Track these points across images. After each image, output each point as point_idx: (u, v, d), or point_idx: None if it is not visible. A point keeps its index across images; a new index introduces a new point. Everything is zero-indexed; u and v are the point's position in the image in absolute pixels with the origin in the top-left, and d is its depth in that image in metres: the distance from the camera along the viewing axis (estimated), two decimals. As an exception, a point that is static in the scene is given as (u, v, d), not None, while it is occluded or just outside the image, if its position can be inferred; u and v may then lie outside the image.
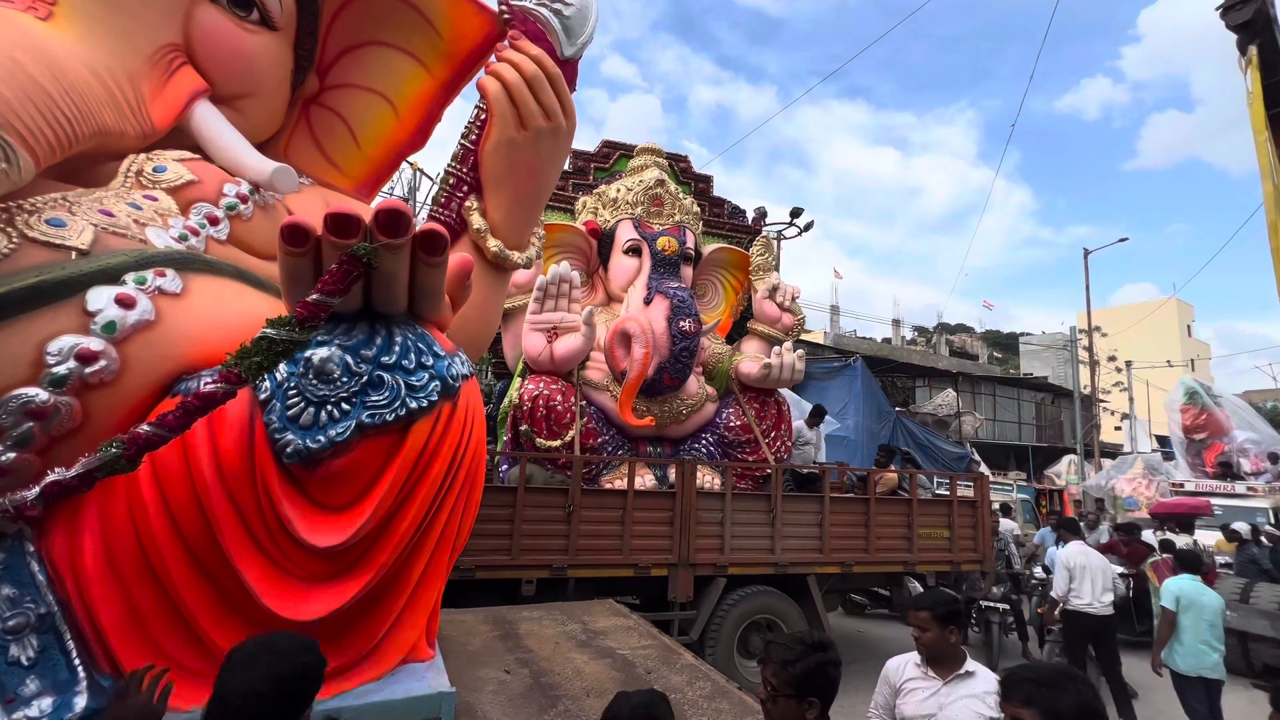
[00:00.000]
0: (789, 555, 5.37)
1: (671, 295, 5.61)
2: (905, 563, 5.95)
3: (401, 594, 1.77)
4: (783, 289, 6.45)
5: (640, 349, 5.35)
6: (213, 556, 1.54)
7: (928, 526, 6.10)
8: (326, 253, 1.50)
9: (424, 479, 1.69)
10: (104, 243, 1.68)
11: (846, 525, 5.73)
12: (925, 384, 23.52)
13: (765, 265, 6.67)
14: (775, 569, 5.30)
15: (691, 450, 6.05)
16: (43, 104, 1.60)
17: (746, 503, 5.38)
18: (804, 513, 5.57)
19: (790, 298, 6.46)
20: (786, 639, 1.67)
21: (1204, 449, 12.46)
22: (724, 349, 6.47)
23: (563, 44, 2.86)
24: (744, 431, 5.99)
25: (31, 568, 1.47)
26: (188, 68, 2.30)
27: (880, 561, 5.81)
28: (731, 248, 6.83)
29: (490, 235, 2.82)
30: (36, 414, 1.45)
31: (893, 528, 5.96)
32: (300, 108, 2.89)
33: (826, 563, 5.54)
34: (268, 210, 2.32)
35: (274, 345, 1.40)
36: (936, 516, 6.22)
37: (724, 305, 6.88)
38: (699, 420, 6.08)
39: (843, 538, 5.67)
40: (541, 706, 2.43)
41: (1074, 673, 1.52)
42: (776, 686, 1.59)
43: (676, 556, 4.94)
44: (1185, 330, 42.77)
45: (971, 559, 6.29)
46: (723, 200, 7.40)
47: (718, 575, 5.11)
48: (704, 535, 5.10)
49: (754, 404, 6.11)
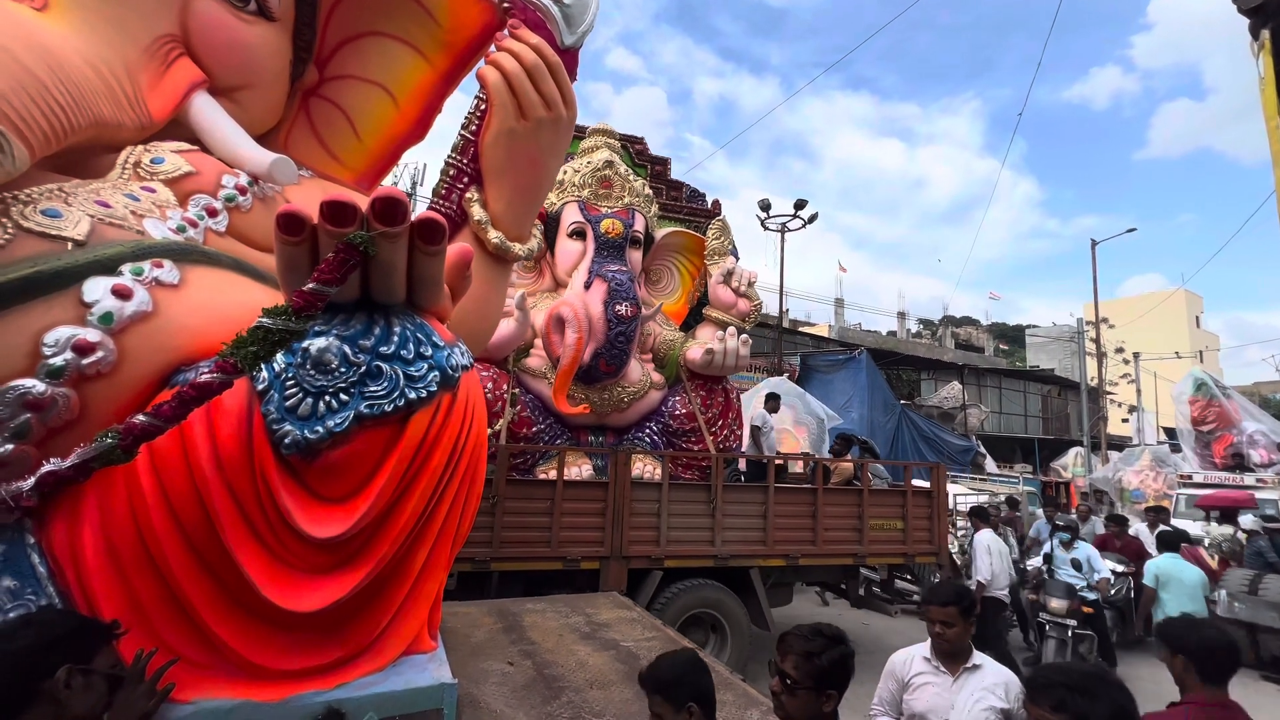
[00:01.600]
0: (730, 547, 5.23)
1: (609, 279, 5.50)
2: (855, 555, 5.79)
3: (403, 585, 1.77)
4: (738, 273, 6.28)
5: (573, 334, 5.20)
6: (212, 548, 1.53)
7: (880, 518, 5.94)
8: (323, 241, 1.48)
9: (424, 470, 1.67)
10: (100, 234, 1.67)
11: (792, 516, 5.55)
12: (931, 377, 23.44)
13: (721, 249, 6.51)
14: (715, 561, 5.15)
15: (635, 440, 5.90)
16: (37, 94, 1.59)
17: (685, 493, 5.23)
18: (747, 503, 5.41)
19: (746, 282, 6.29)
20: (804, 630, 1.65)
21: (1212, 440, 12.35)
22: (676, 335, 6.29)
23: (563, 33, 2.83)
24: (689, 420, 5.85)
25: (32, 559, 1.47)
26: (185, 59, 2.28)
27: (828, 554, 5.65)
28: (686, 231, 6.67)
29: (491, 226, 2.80)
30: (34, 405, 1.44)
31: (842, 519, 5.79)
32: (299, 99, 2.87)
33: (770, 555, 5.38)
34: (267, 202, 2.31)
35: (270, 335, 1.39)
36: (889, 507, 6.05)
37: (680, 290, 6.74)
38: (642, 409, 5.92)
39: (788, 529, 5.50)
40: (545, 698, 2.43)
41: (1109, 676, 1.45)
42: (796, 679, 1.57)
43: (608, 549, 4.81)
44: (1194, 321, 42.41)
45: (926, 551, 6.13)
46: (681, 183, 7.28)
47: (653, 568, 4.97)
48: (639, 527, 4.95)
49: (700, 391, 5.95)
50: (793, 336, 21.53)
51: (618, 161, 6.22)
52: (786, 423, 11.05)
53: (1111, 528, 7.88)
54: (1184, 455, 13.20)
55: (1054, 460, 20.87)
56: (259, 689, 1.57)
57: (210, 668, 1.56)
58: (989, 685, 2.18)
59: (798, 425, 11.03)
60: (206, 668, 1.56)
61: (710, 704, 1.57)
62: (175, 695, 1.48)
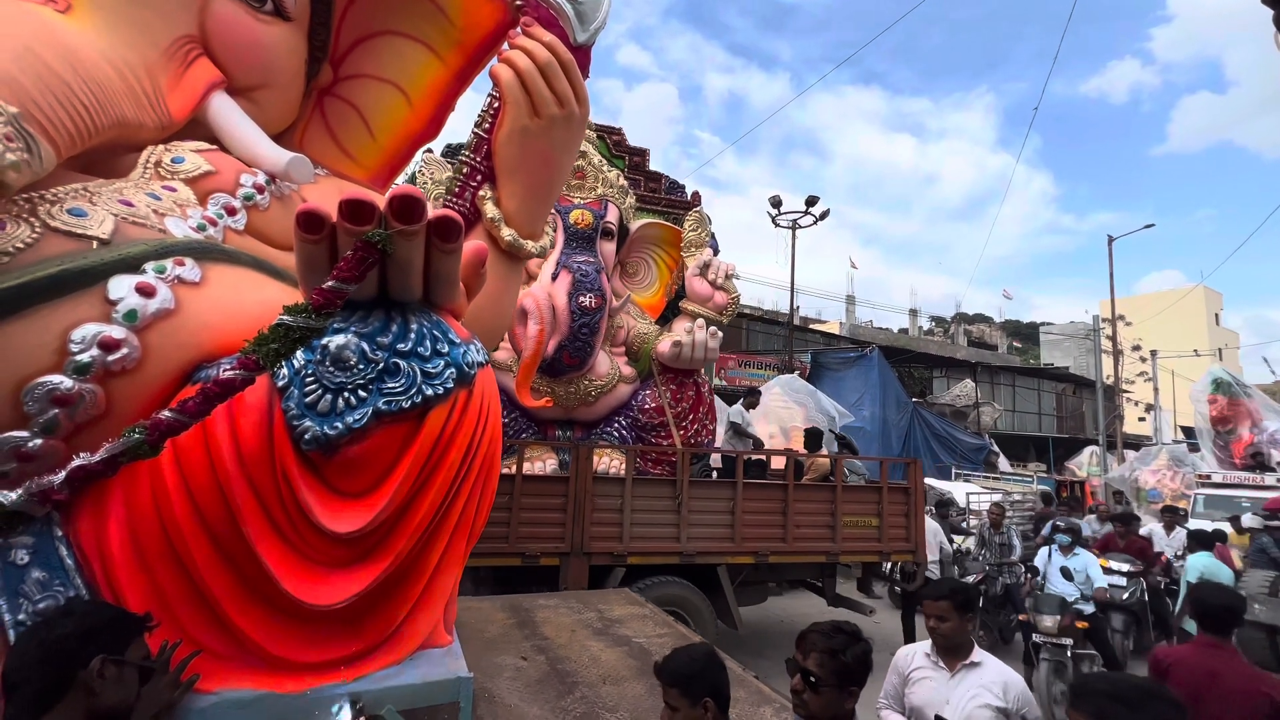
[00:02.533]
0: (696, 544, 5.11)
1: (575, 270, 5.45)
2: (828, 553, 5.65)
3: (419, 580, 1.79)
4: (715, 265, 6.17)
5: (534, 326, 5.10)
6: (234, 541, 1.56)
7: (854, 514, 5.79)
8: (342, 240, 1.50)
9: (440, 466, 1.69)
10: (124, 232, 1.70)
11: (762, 513, 5.42)
12: (943, 374, 23.25)
13: (698, 241, 6.41)
14: (681, 559, 5.05)
15: (603, 434, 5.82)
16: (62, 95, 1.62)
17: (650, 488, 5.13)
18: (714, 499, 5.30)
19: (723, 275, 6.17)
20: (825, 628, 1.65)
21: (1232, 440, 12.15)
22: (651, 329, 6.18)
23: (576, 30, 2.83)
24: (658, 414, 5.76)
25: (60, 552, 1.50)
26: (204, 59, 2.31)
27: (799, 551, 5.51)
28: (662, 223, 6.58)
29: (504, 224, 2.82)
30: (61, 401, 1.47)
31: (814, 516, 5.64)
32: (314, 98, 2.90)
33: (739, 552, 5.26)
34: (284, 201, 2.34)
35: (291, 332, 1.41)
36: (864, 504, 5.89)
37: (657, 283, 6.65)
38: (611, 402, 5.82)
39: (758, 526, 5.37)
40: (559, 693, 2.45)
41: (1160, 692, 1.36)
42: (821, 676, 1.57)
43: (569, 545, 4.73)
44: (1213, 319, 41.68)
45: (902, 549, 6.00)
46: (660, 175, 7.20)
47: (616, 565, 4.89)
48: (601, 523, 4.86)
49: (670, 385, 5.85)
50: (804, 334, 21.43)
51: (591, 151, 6.10)
52: (798, 420, 11.00)
53: (1117, 526, 7.47)
54: (1202, 454, 13.00)
55: (1069, 459, 20.63)
56: (280, 680, 1.60)
57: (232, 659, 1.59)
58: (987, 683, 2.16)
59: (809, 423, 10.97)
60: (229, 659, 1.58)
61: (725, 700, 1.57)
62: (199, 686, 1.51)
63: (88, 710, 1.23)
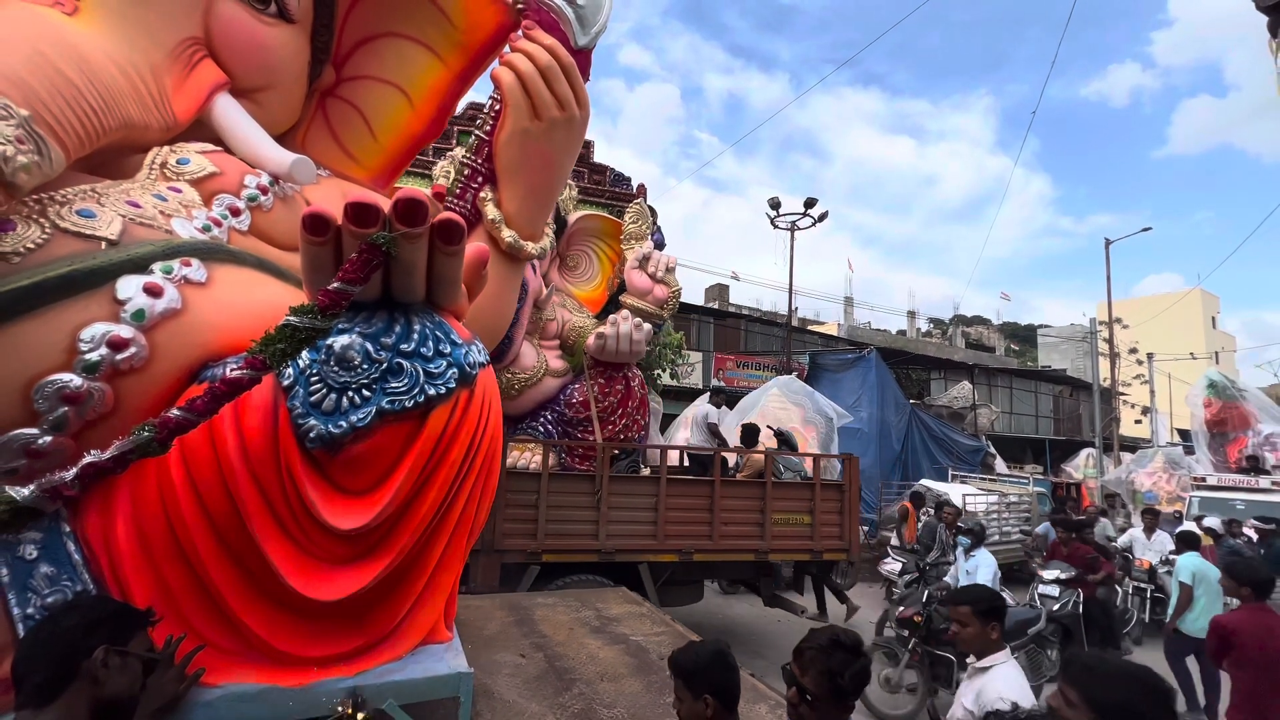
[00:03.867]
0: (616, 542, 4.95)
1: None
2: (757, 551, 5.48)
3: (421, 576, 1.81)
4: (655, 258, 6.01)
5: None
6: (239, 538, 1.58)
7: (785, 512, 5.62)
8: (347, 242, 1.53)
9: (442, 464, 1.72)
10: (131, 233, 1.72)
11: (687, 509, 5.27)
12: (941, 376, 23.30)
13: (638, 233, 6.30)
14: (599, 556, 4.89)
15: (529, 429, 5.67)
16: (71, 97, 1.65)
17: (569, 484, 4.98)
18: (637, 495, 5.14)
19: (664, 268, 6.01)
20: (823, 642, 1.58)
21: (1227, 443, 12.21)
22: (587, 322, 6.01)
23: (576, 34, 2.86)
24: (584, 409, 5.59)
25: (68, 547, 1.53)
26: (208, 61, 2.34)
27: (726, 550, 5.37)
28: (602, 215, 6.47)
29: (505, 226, 2.84)
30: (71, 399, 1.50)
31: (743, 513, 5.47)
32: (317, 100, 2.93)
33: (661, 550, 5.09)
34: (287, 202, 2.36)
35: (297, 332, 1.43)
36: (796, 501, 5.73)
37: (599, 277, 6.54)
38: (537, 396, 5.65)
39: (682, 523, 5.21)
40: (557, 689, 2.47)
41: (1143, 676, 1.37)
42: (816, 695, 1.53)
43: (480, 542, 4.52)
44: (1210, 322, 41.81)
45: (836, 548, 5.82)
46: (605, 167, 7.13)
47: (530, 562, 4.77)
48: (514, 519, 4.72)
49: (599, 379, 5.65)
50: (802, 335, 21.46)
51: None
52: (795, 421, 11.03)
53: (1060, 533, 6.74)
54: (1197, 457, 13.06)
55: (1065, 462, 20.69)
56: (283, 675, 1.62)
57: (237, 653, 1.62)
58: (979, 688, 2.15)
59: (806, 424, 11.00)
60: (233, 653, 1.61)
61: (728, 699, 1.57)
62: (204, 680, 1.53)
63: (93, 699, 1.26)
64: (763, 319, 21.17)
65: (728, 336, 19.39)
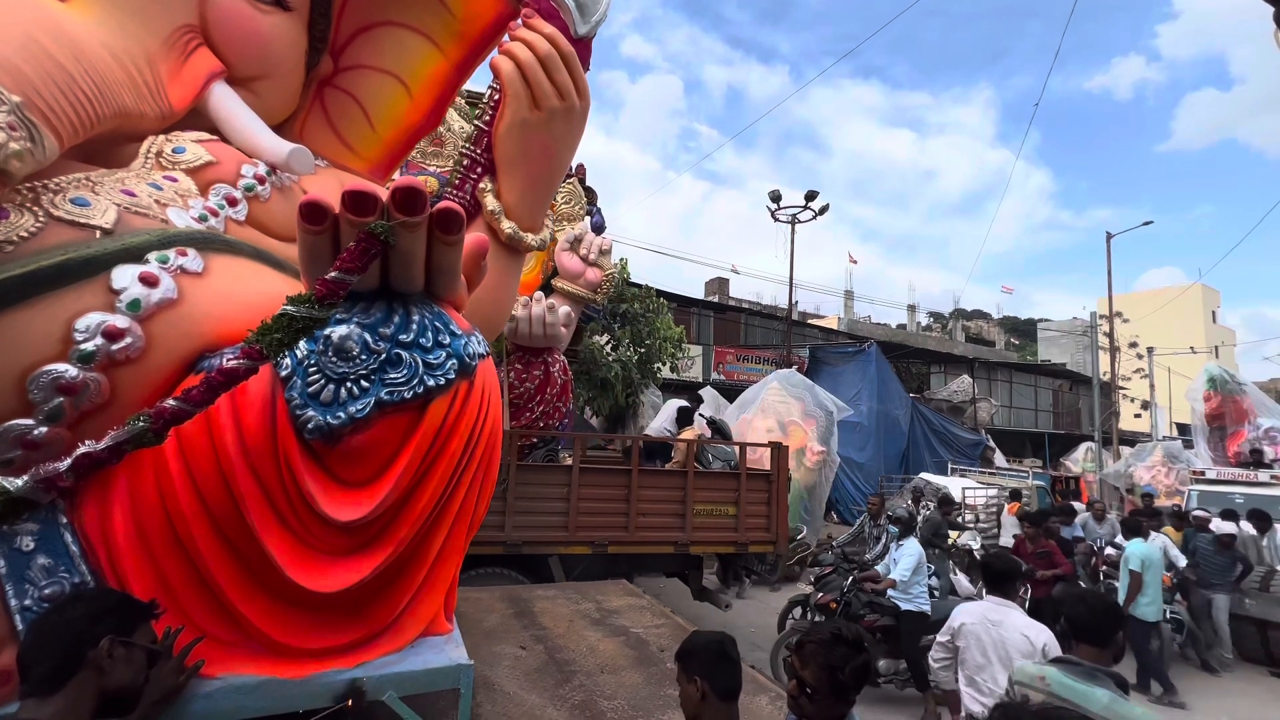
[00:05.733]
0: (524, 533, 4.82)
1: None
2: (677, 543, 5.30)
3: (421, 568, 1.81)
4: (588, 240, 5.75)
5: None
6: (238, 530, 1.57)
7: (709, 503, 5.45)
8: (344, 231, 1.51)
9: (442, 456, 1.71)
10: (127, 222, 1.70)
11: (602, 500, 5.08)
12: (941, 370, 23.31)
13: (570, 214, 6.09)
14: (505, 548, 4.74)
15: None
16: (65, 84, 1.62)
17: None
18: (547, 485, 4.98)
19: (597, 250, 5.73)
20: (824, 637, 1.62)
21: (1226, 436, 12.21)
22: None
23: (576, 22, 2.82)
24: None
25: (65, 539, 1.52)
26: (204, 49, 2.31)
27: (643, 541, 5.18)
28: None
29: (504, 217, 2.82)
30: (66, 389, 1.49)
31: (662, 504, 5.30)
32: (314, 89, 2.89)
33: (573, 542, 4.94)
34: (285, 192, 2.34)
35: (294, 322, 1.42)
36: (721, 491, 5.55)
37: (533, 259, 6.26)
38: None
39: (596, 514, 5.02)
40: (557, 681, 2.48)
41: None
42: (817, 689, 1.57)
43: None
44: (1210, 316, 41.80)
45: (762, 540, 5.64)
46: None
47: None
48: None
49: (517, 365, 5.46)
50: (802, 329, 21.45)
51: (454, 118, 5.64)
52: (795, 415, 11.04)
53: (1026, 528, 6.37)
54: (1196, 451, 13.07)
55: (1064, 455, 20.73)
56: (283, 666, 1.62)
57: (236, 645, 1.61)
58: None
59: (807, 418, 11.01)
60: (233, 645, 1.61)
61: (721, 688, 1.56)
62: (203, 671, 1.53)
63: (98, 689, 1.27)
64: (763, 312, 21.15)
65: (728, 330, 19.37)
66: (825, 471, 10.96)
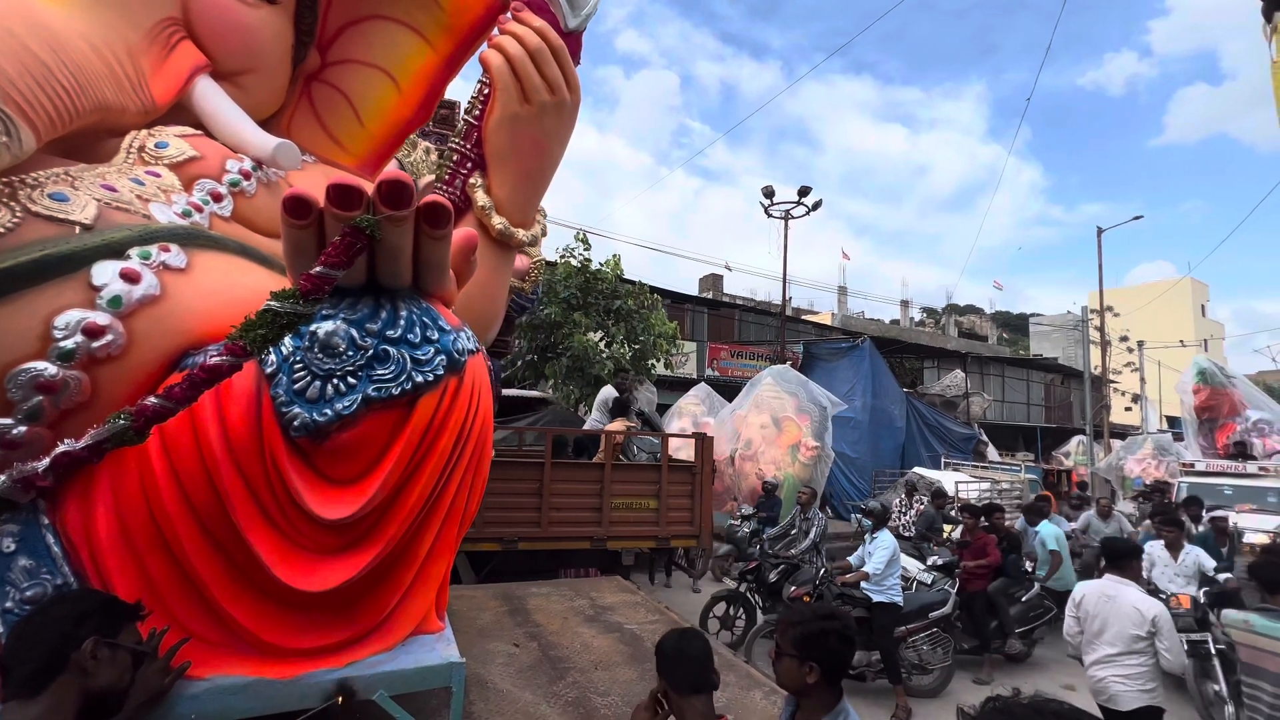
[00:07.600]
0: None
1: None
2: (593, 538, 5.11)
3: (411, 566, 1.79)
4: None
5: None
6: (224, 528, 1.55)
7: (628, 496, 5.28)
8: (329, 225, 1.49)
9: (431, 453, 1.69)
10: (107, 218, 1.67)
11: (511, 494, 4.89)
12: (934, 365, 23.42)
13: None
14: None
15: None
16: (41, 77, 1.59)
17: None
18: None
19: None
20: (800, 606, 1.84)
21: (1215, 429, 12.31)
22: None
23: (566, 16, 2.79)
24: None
25: (46, 539, 1.49)
26: (187, 42, 2.27)
27: (555, 537, 5.01)
28: None
29: (495, 212, 2.79)
30: (46, 388, 1.46)
31: (578, 497, 5.12)
32: (302, 84, 2.86)
33: (480, 538, 4.74)
34: (271, 187, 2.31)
35: (278, 318, 1.39)
36: (641, 484, 5.38)
37: None
38: None
39: (505, 509, 4.83)
40: (551, 678, 2.47)
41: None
42: (780, 645, 1.73)
43: None
44: (1200, 310, 42.17)
45: (685, 534, 5.48)
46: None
47: None
48: None
49: None
50: (796, 325, 21.49)
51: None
52: (789, 410, 11.05)
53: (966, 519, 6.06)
54: (1186, 443, 13.19)
55: (1056, 449, 20.87)
56: (271, 667, 1.60)
57: (224, 646, 1.59)
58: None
59: (801, 414, 11.02)
60: (220, 646, 1.59)
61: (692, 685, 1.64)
62: (190, 673, 1.51)
63: (82, 690, 1.25)
64: (756, 309, 21.17)
65: (722, 326, 19.37)
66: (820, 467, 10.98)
